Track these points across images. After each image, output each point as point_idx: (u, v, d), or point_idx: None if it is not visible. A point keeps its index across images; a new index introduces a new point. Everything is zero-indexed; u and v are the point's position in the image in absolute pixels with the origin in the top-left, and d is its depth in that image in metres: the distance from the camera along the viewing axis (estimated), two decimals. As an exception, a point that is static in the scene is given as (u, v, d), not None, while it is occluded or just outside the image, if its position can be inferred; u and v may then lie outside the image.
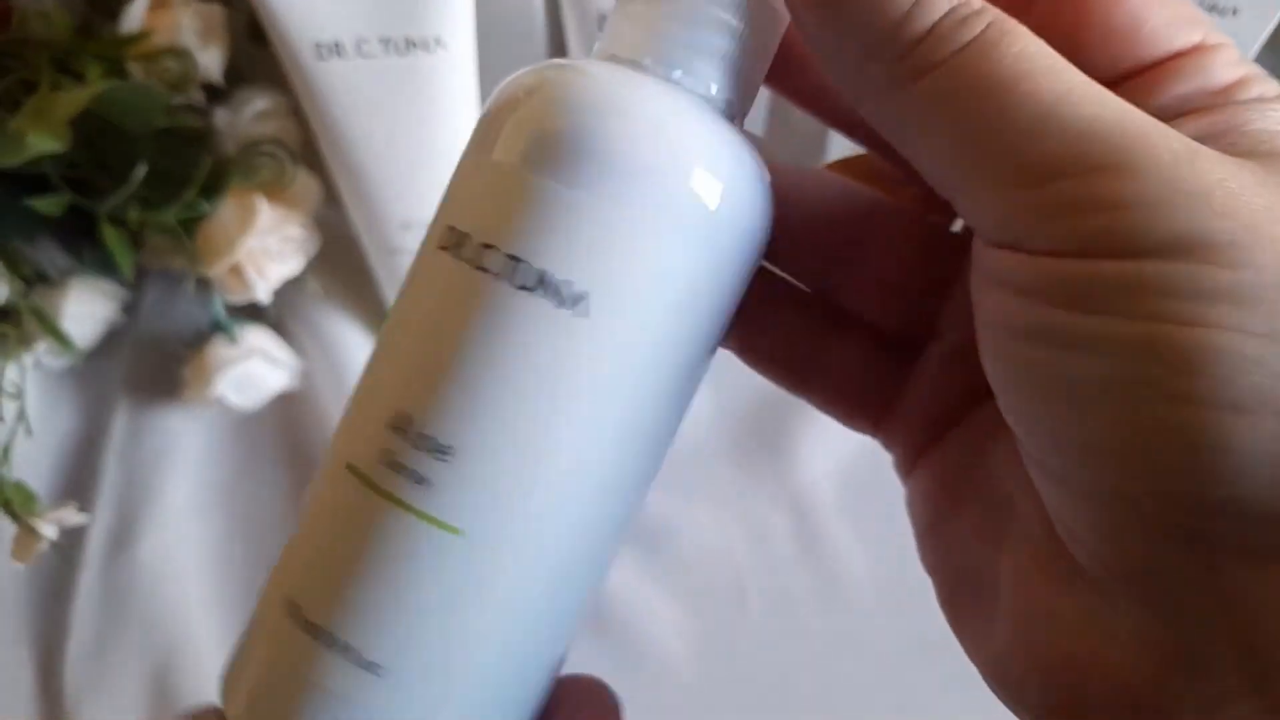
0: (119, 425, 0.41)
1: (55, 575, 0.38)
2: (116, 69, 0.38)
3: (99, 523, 0.39)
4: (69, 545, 0.37)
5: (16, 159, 0.34)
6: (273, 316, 0.43)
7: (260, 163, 0.39)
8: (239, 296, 0.39)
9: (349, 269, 0.44)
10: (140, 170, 0.36)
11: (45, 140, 0.34)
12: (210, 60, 0.41)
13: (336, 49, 0.31)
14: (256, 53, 0.43)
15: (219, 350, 0.40)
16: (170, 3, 0.40)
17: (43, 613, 0.37)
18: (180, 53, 0.39)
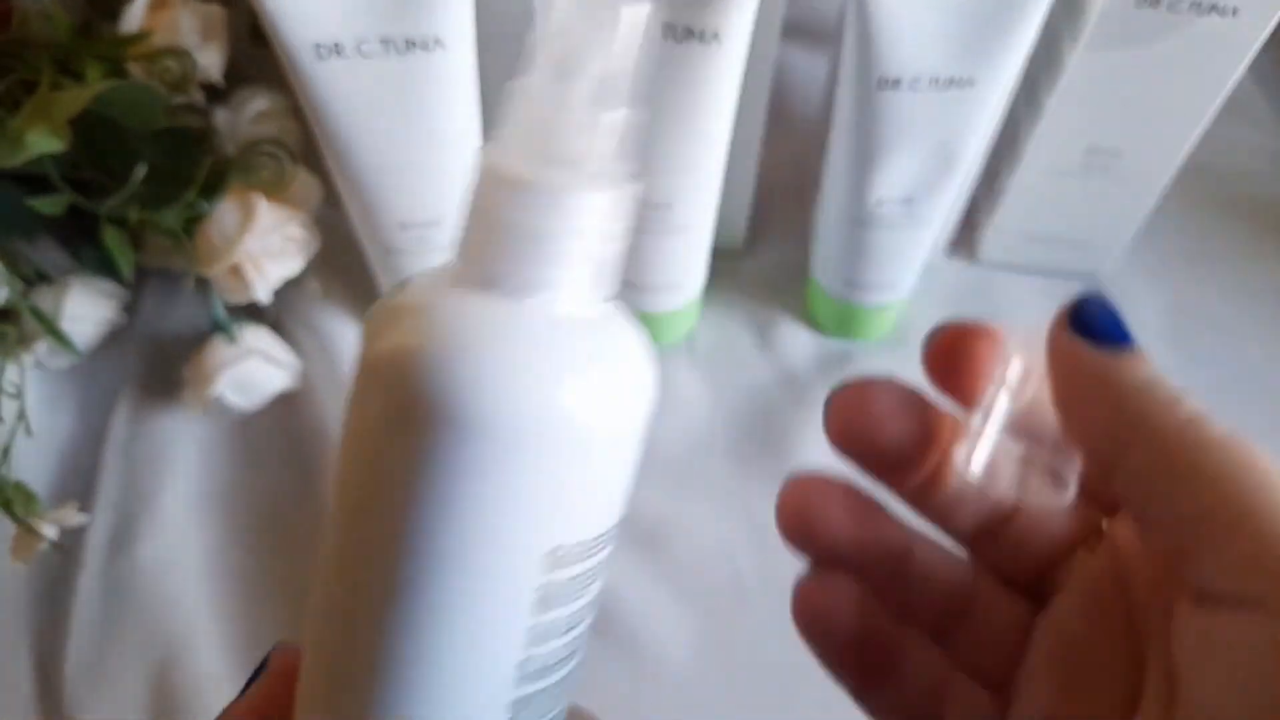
0: (119, 425, 0.41)
1: (55, 575, 0.38)
2: (117, 69, 0.38)
3: (99, 523, 0.39)
4: (69, 545, 0.37)
5: (17, 159, 0.34)
6: (272, 317, 0.43)
7: (260, 163, 0.40)
8: (239, 296, 0.40)
9: (349, 269, 0.44)
10: (140, 170, 0.36)
11: (45, 140, 0.34)
12: (210, 60, 0.41)
13: (336, 49, 0.31)
14: (256, 53, 0.43)
15: (219, 350, 0.40)
16: (170, 3, 0.40)
17: (43, 613, 0.37)
18: (180, 53, 0.39)
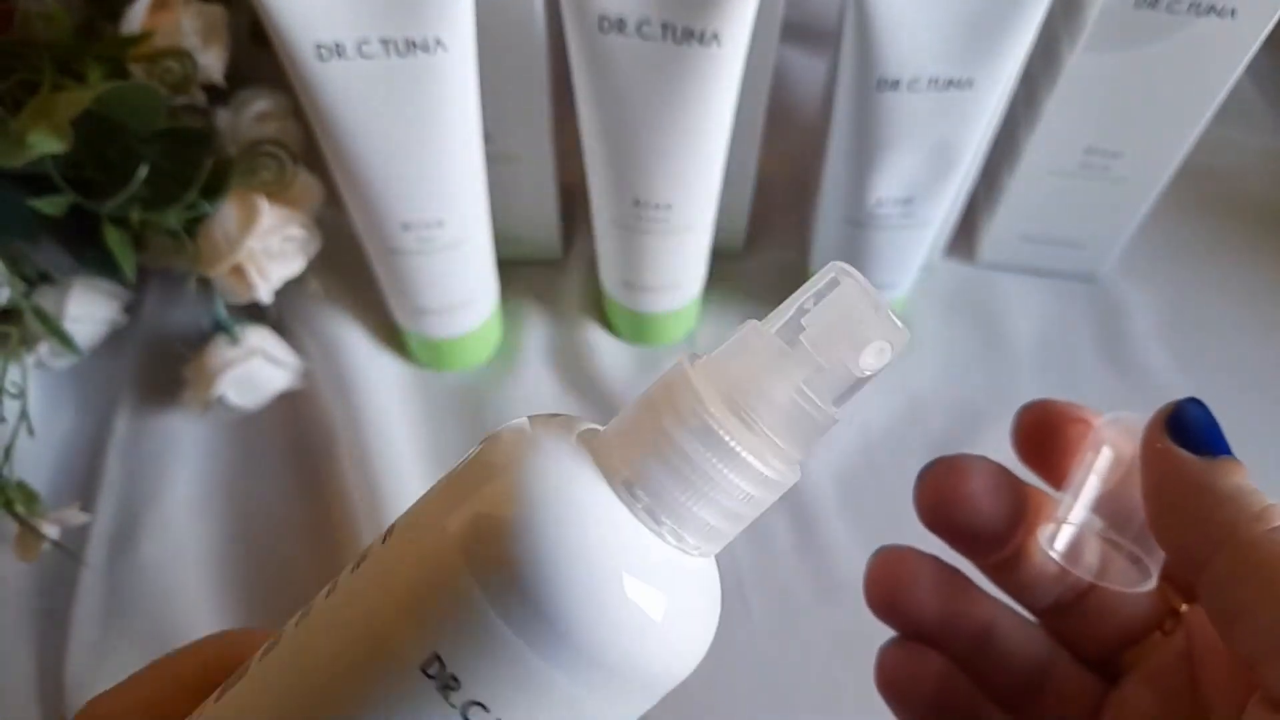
0: (121, 425, 0.41)
1: (57, 575, 0.38)
2: (118, 70, 0.38)
3: (101, 522, 0.39)
4: (71, 545, 0.37)
5: (19, 160, 0.34)
6: (274, 317, 0.43)
7: (261, 163, 0.40)
8: (240, 297, 0.40)
9: (350, 269, 0.44)
10: (142, 171, 0.36)
11: (47, 141, 0.34)
12: (211, 61, 0.41)
13: (337, 50, 0.31)
14: (257, 53, 0.43)
15: (220, 350, 0.40)
16: (171, 4, 0.40)
17: (44, 612, 0.37)
18: (181, 54, 0.39)
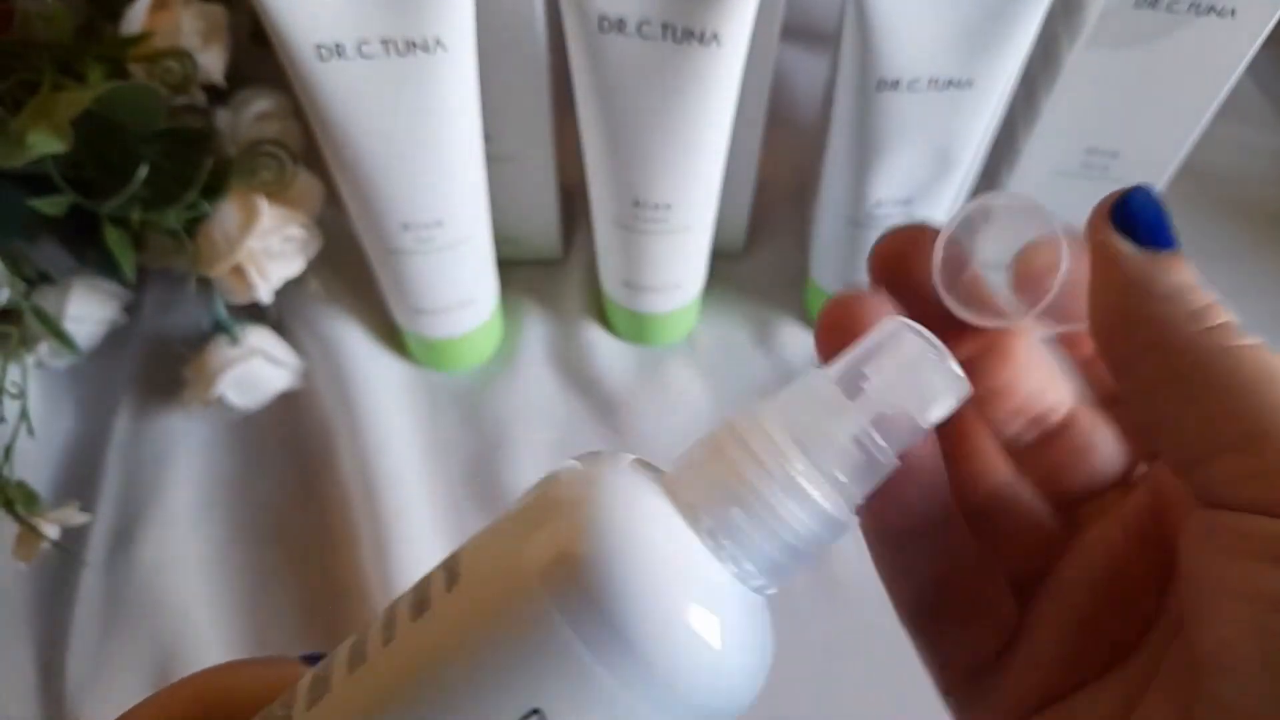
0: (121, 425, 0.41)
1: (57, 575, 0.38)
2: (118, 70, 0.38)
3: (101, 522, 0.39)
4: (71, 545, 0.37)
5: (19, 160, 0.34)
6: (274, 317, 0.43)
7: (261, 163, 0.40)
8: (240, 297, 0.40)
9: (350, 269, 0.44)
10: (142, 171, 0.36)
11: (47, 141, 0.34)
12: (211, 61, 0.41)
13: (337, 50, 0.31)
14: (257, 54, 0.43)
15: (220, 350, 0.40)
16: (172, 4, 0.40)
17: (44, 612, 0.37)
18: (182, 54, 0.39)
